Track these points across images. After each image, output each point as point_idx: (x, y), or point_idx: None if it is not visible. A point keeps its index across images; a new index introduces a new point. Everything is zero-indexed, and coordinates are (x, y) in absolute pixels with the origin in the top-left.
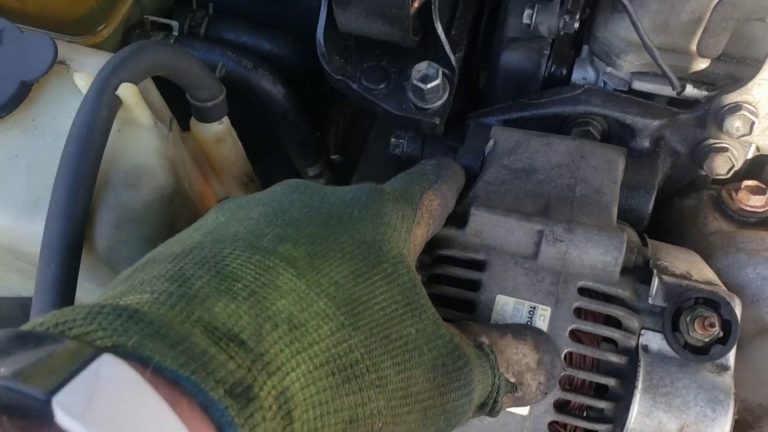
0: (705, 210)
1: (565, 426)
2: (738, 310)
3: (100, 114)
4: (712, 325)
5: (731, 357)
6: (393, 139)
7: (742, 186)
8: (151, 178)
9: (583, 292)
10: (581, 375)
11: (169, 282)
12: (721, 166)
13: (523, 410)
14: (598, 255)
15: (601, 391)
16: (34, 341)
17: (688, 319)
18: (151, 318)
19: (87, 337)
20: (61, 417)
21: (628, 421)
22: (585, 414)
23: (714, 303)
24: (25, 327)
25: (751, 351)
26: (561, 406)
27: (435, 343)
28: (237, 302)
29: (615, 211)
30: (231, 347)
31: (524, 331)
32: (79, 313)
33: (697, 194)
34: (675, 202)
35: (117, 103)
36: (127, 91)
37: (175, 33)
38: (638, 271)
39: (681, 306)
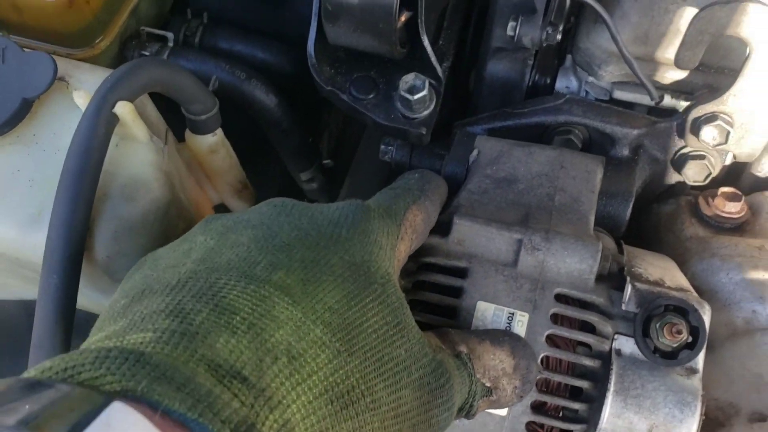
0: (682, 215)
1: (542, 426)
2: (707, 317)
3: (98, 131)
4: (679, 332)
5: (700, 361)
6: (382, 146)
7: (719, 192)
8: (148, 190)
9: (560, 298)
10: (557, 378)
11: (170, 318)
12: (698, 174)
13: (502, 411)
14: (574, 263)
15: (575, 393)
16: (45, 388)
17: (657, 325)
18: (156, 361)
19: (96, 382)
20: None
21: (600, 422)
22: (560, 414)
23: (683, 310)
24: (34, 371)
25: (722, 353)
26: (538, 407)
27: (421, 362)
28: (237, 337)
29: (592, 219)
30: (234, 384)
31: (502, 337)
32: (87, 357)
33: (676, 200)
34: (654, 207)
35: (114, 120)
36: (123, 109)
37: (171, 44)
38: (613, 278)
39: (651, 313)
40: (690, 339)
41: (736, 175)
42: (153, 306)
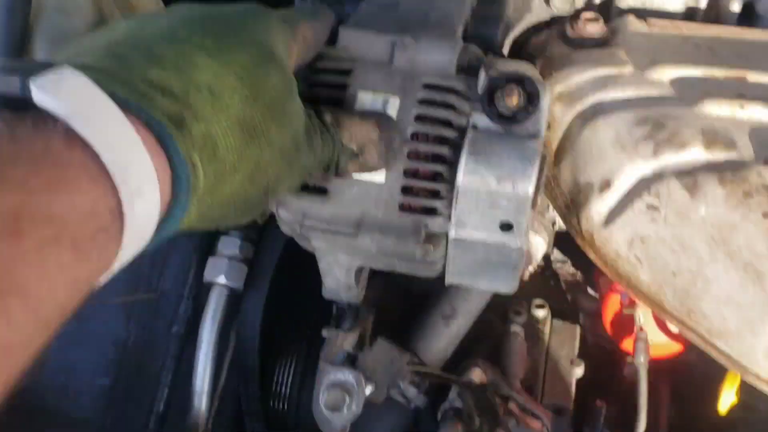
0: (551, 41)
1: (416, 192)
2: (547, 93)
3: None
4: (512, 92)
5: (540, 126)
6: (296, 2)
7: (581, 16)
8: (77, 7)
9: (426, 86)
10: (423, 147)
11: (108, 58)
12: (563, 3)
13: (380, 178)
14: (437, 57)
15: (440, 161)
16: (7, 64)
17: (499, 93)
18: (101, 68)
19: None
20: (37, 95)
21: (457, 179)
22: (428, 178)
23: (521, 81)
24: None
25: (579, 141)
26: (411, 174)
27: (299, 117)
28: (167, 71)
29: (460, 30)
30: (166, 95)
31: (370, 114)
32: (38, 63)
33: (548, 30)
34: (531, 39)
35: None
36: None
37: None
38: (473, 71)
39: (495, 84)
40: (531, 107)
41: (607, 9)
42: (91, 55)
